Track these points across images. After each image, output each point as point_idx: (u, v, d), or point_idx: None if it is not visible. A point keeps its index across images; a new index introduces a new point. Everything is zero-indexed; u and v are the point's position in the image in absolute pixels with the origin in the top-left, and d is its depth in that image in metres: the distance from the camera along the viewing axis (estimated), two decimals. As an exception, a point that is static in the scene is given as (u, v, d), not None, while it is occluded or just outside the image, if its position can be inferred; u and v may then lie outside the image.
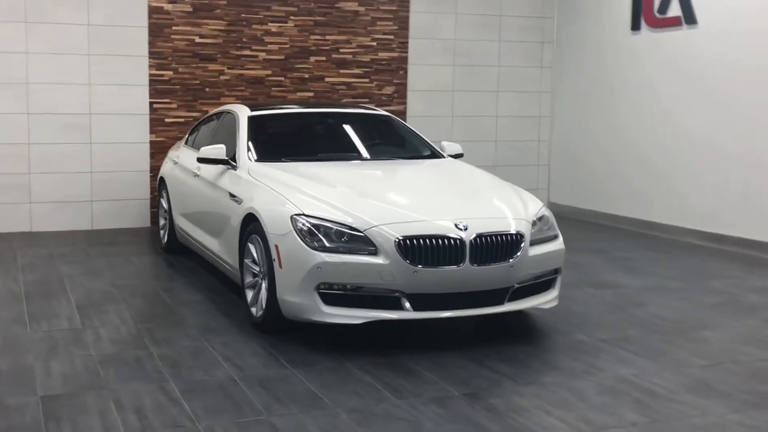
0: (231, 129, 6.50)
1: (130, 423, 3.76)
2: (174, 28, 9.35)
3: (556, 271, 5.31)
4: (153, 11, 9.23)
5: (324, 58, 10.08)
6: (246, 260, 5.40)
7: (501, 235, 4.90)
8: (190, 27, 9.42)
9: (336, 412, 3.94)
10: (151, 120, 9.34)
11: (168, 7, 9.29)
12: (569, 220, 10.41)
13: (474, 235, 4.81)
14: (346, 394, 4.19)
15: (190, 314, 5.68)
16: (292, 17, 9.87)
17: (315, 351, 4.87)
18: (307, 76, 10.02)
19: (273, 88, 9.87)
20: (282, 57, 9.88)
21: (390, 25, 10.35)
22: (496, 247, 4.88)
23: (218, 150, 6.09)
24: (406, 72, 10.50)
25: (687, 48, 9.08)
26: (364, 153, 6.43)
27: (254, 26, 9.70)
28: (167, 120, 9.41)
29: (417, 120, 10.43)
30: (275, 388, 4.26)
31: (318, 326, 4.94)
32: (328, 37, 10.07)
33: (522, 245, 4.96)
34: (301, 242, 4.78)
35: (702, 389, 4.32)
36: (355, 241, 4.76)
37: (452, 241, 4.77)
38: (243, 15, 9.63)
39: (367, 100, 10.30)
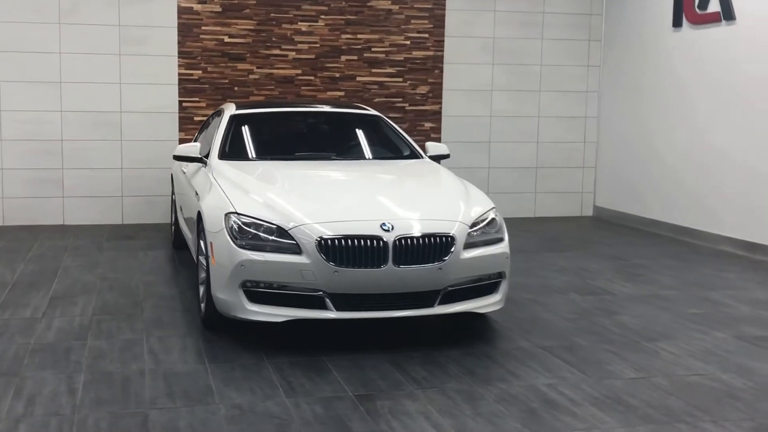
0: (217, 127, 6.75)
1: (14, 410, 3.97)
2: (203, 27, 9.69)
3: (500, 275, 5.22)
4: (182, 11, 9.60)
5: (355, 57, 10.20)
6: (200, 257, 5.59)
7: (428, 237, 4.88)
8: (220, 27, 9.73)
9: (216, 408, 4.05)
10: (180, 118, 9.71)
11: (197, 7, 9.63)
12: (614, 225, 10.17)
13: (397, 237, 4.81)
14: (241, 391, 4.29)
15: (152, 308, 5.91)
16: (322, 16, 10.04)
17: (243, 348, 4.99)
18: (337, 75, 10.17)
19: (303, 87, 10.07)
20: (312, 56, 10.06)
21: (425, 23, 10.37)
22: (422, 249, 4.86)
23: (192, 148, 6.31)
24: (441, 71, 10.49)
25: (725, 45, 8.71)
26: (337, 153, 6.51)
27: (284, 25, 9.92)
28: (196, 118, 9.76)
29: (453, 120, 10.41)
30: (176, 382, 4.41)
31: (269, 324, 4.99)
32: (359, 36, 10.18)
33: (453, 248, 4.92)
34: (230, 240, 4.92)
35: (609, 402, 4.19)
36: (282, 240, 4.85)
37: (374, 242, 4.79)
38: (272, 14, 9.87)
39: (400, 99, 10.34)
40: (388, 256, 4.79)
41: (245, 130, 6.59)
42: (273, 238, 4.85)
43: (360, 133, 6.89)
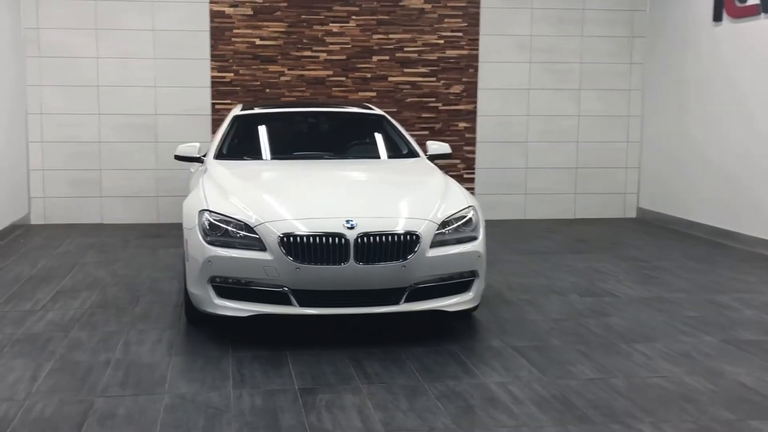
0: (226, 127, 7.00)
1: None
2: (235, 31, 9.97)
3: (473, 274, 5.25)
4: (215, 15, 9.91)
5: (387, 58, 10.32)
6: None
7: (391, 235, 4.95)
8: (251, 29, 10.00)
9: (160, 398, 4.22)
10: (213, 120, 10.01)
11: (229, 10, 9.93)
12: (655, 227, 9.99)
13: (359, 234, 4.90)
14: (191, 382, 4.46)
15: (146, 303, 6.15)
16: (354, 17, 10.19)
17: (215, 341, 5.17)
18: (369, 75, 10.30)
19: (334, 88, 10.24)
20: (343, 57, 10.22)
21: (459, 21, 10.40)
22: (385, 246, 4.94)
23: (190, 148, 6.55)
24: (476, 70, 10.50)
25: (765, 39, 8.46)
26: (334, 152, 6.62)
27: (315, 27, 10.12)
28: (228, 120, 10.03)
29: (489, 120, 10.41)
30: (134, 372, 4.61)
31: (244, 319, 5.10)
32: (391, 36, 10.29)
33: (417, 246, 4.97)
34: (200, 236, 5.11)
35: (551, 402, 4.18)
36: (249, 237, 5.01)
37: (335, 240, 4.89)
38: (303, 16, 10.08)
39: (433, 99, 10.40)
40: (349, 254, 4.87)
41: (246, 131, 6.78)
42: (242, 234, 5.01)
43: (360, 132, 6.99)
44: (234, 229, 5.03)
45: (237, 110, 7.03)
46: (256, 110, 7.05)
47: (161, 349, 5.01)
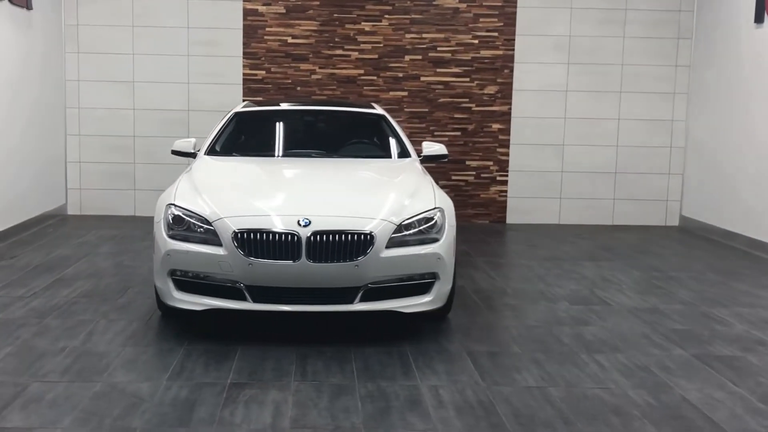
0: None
1: None
2: (267, 29, 10.16)
3: (434, 276, 5.23)
4: (248, 13, 10.12)
5: (420, 57, 10.32)
6: None
7: (344, 234, 4.98)
8: (283, 28, 10.17)
9: (92, 385, 4.37)
10: (244, 116, 10.19)
11: (262, 9, 10.12)
12: (695, 237, 9.70)
13: (311, 233, 4.95)
14: (130, 372, 4.59)
15: (132, 294, 6.33)
16: (386, 16, 10.24)
17: (177, 334, 5.30)
18: (401, 75, 10.33)
19: (365, 87, 10.31)
20: (375, 56, 10.28)
21: (494, 21, 10.32)
22: (338, 246, 4.97)
23: (185, 143, 6.73)
24: (511, 71, 10.40)
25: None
26: (326, 150, 6.68)
27: (347, 26, 10.21)
28: (259, 117, 10.23)
29: (523, 121, 10.31)
30: (82, 360, 4.78)
31: (219, 312, 5.25)
32: (425, 36, 10.29)
33: (371, 246, 4.99)
34: (163, 229, 5.26)
35: (473, 408, 4.14)
36: (208, 232, 5.13)
37: (288, 237, 4.96)
38: (336, 15, 10.19)
39: (466, 99, 10.35)
40: (301, 251, 4.92)
41: (243, 128, 6.91)
42: (202, 230, 5.12)
43: (356, 132, 7.04)
44: (196, 224, 5.15)
45: (239, 107, 7.16)
46: (257, 108, 7.16)
47: (120, 340, 5.16)
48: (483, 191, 10.51)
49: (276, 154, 6.57)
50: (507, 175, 10.52)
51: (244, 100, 8.98)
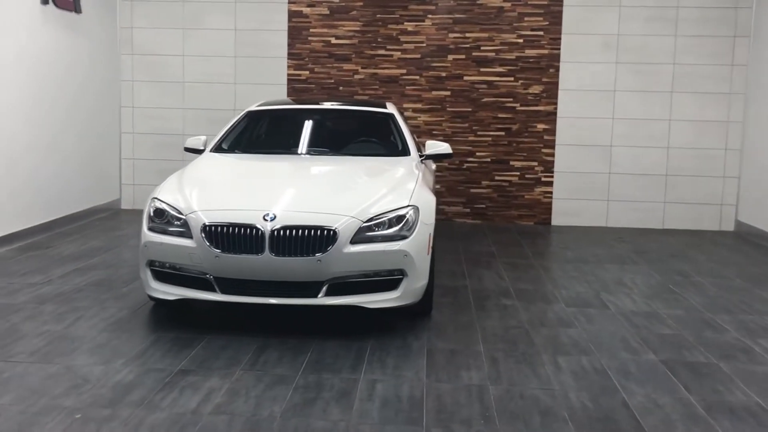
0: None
1: None
2: (311, 30, 10.37)
3: (402, 273, 5.27)
4: (293, 15, 10.36)
5: (463, 56, 10.32)
6: None
7: (307, 229, 5.09)
8: (327, 29, 10.36)
9: (47, 366, 4.62)
10: (289, 116, 10.44)
11: (307, 10, 10.34)
12: (750, 243, 9.31)
13: (275, 227, 5.08)
14: (89, 355, 4.81)
15: (139, 285, 6.58)
16: (429, 15, 10.29)
17: (156, 322, 5.52)
18: (444, 74, 10.36)
19: (407, 87, 10.39)
20: (418, 56, 10.35)
21: (539, 20, 10.21)
22: (301, 240, 5.08)
23: (196, 140, 6.98)
24: (557, 70, 10.26)
25: None
26: (326, 149, 6.79)
27: (390, 26, 10.31)
28: (303, 116, 10.46)
29: (569, 122, 10.16)
30: (55, 343, 5.04)
31: (210, 303, 5.43)
32: (468, 35, 10.29)
33: (334, 242, 5.08)
34: (144, 222, 5.51)
35: (401, 402, 4.15)
36: (183, 225, 5.34)
37: (252, 231, 5.11)
38: (379, 15, 10.31)
39: (510, 99, 10.28)
40: (264, 245, 5.06)
41: (252, 126, 7.11)
42: (178, 222, 5.34)
43: (362, 130, 7.13)
44: (174, 217, 5.36)
45: (253, 106, 7.36)
46: (269, 107, 7.34)
47: (101, 326, 5.42)
48: (527, 192, 10.40)
49: (277, 152, 6.72)
50: (552, 176, 10.37)
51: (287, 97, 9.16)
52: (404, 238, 5.25)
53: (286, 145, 6.91)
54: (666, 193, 10.28)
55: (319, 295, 5.13)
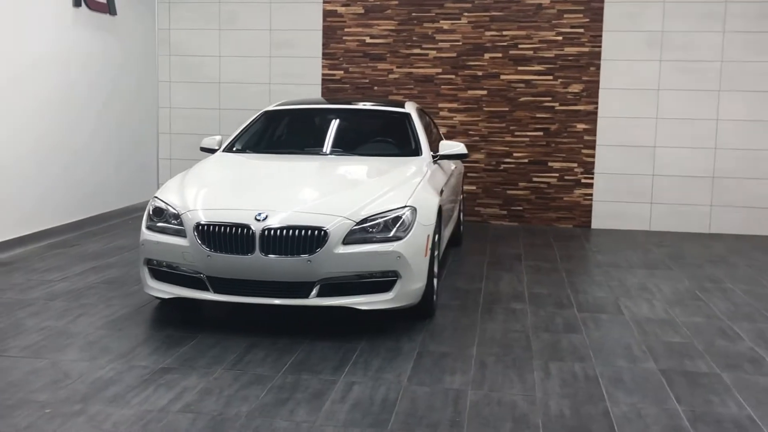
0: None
1: None
2: (346, 29, 10.42)
3: (396, 274, 5.25)
4: (327, 14, 10.43)
5: (500, 55, 10.23)
6: None
7: (297, 230, 5.11)
8: (362, 28, 10.40)
9: (33, 362, 4.74)
10: (323, 116, 10.51)
11: (341, 10, 10.40)
12: None
13: (265, 227, 5.13)
14: (80, 352, 4.91)
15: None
16: (466, 14, 10.23)
17: (156, 320, 5.62)
18: (480, 73, 10.28)
19: (443, 86, 10.34)
20: (453, 54, 10.29)
21: (579, 17, 10.05)
22: (291, 240, 5.11)
23: (211, 140, 7.08)
24: (598, 68, 10.09)
25: None
26: (338, 149, 6.79)
27: (425, 24, 10.29)
28: (337, 116, 10.51)
29: (611, 121, 9.97)
30: (50, 339, 5.16)
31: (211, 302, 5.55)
32: (505, 33, 10.19)
33: (325, 242, 5.09)
34: (144, 220, 5.63)
35: (372, 405, 4.12)
36: (180, 224, 5.44)
37: (243, 230, 5.16)
38: (414, 14, 10.29)
39: (549, 98, 10.15)
40: (255, 245, 5.10)
41: (267, 126, 7.17)
42: (175, 222, 5.43)
43: (376, 130, 7.12)
44: (171, 216, 5.45)
45: (271, 106, 7.43)
46: (285, 106, 7.40)
47: (100, 323, 5.54)
48: (566, 194, 10.23)
49: (287, 152, 6.77)
50: (592, 178, 10.18)
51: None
52: (399, 239, 5.21)
53: (298, 145, 6.94)
54: (713, 196, 9.98)
55: (311, 296, 5.14)
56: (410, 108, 7.22)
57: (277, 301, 5.16)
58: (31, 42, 7.96)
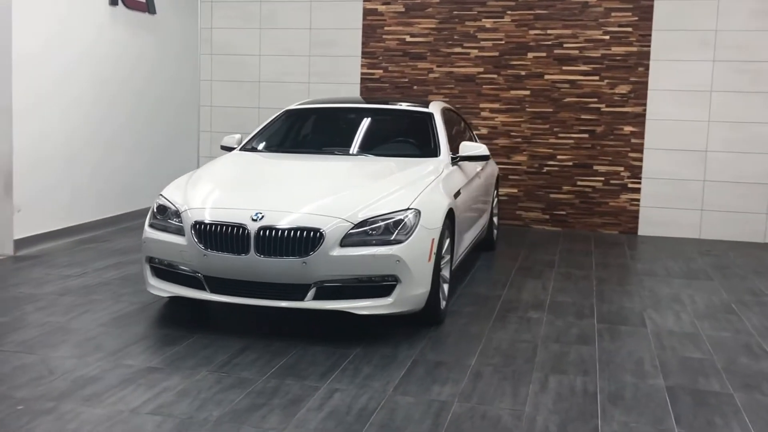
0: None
1: None
2: (386, 28, 10.33)
3: (395, 278, 5.13)
4: (367, 13, 10.35)
5: (544, 54, 10.00)
6: None
7: (293, 231, 5.02)
8: (402, 27, 10.29)
9: (26, 357, 4.77)
10: (363, 116, 10.44)
11: (382, 8, 10.31)
12: None
13: (261, 227, 5.06)
14: (74, 349, 4.91)
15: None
16: (509, 12, 10.03)
17: (160, 319, 5.63)
18: (523, 73, 10.07)
19: (484, 86, 10.16)
20: (496, 54, 10.10)
21: (628, 15, 9.75)
22: (287, 241, 5.03)
23: (231, 139, 7.06)
24: (647, 69, 9.77)
25: None
26: (353, 149, 6.67)
27: (467, 23, 10.12)
28: (377, 116, 10.43)
29: (660, 124, 9.64)
30: (48, 335, 5.18)
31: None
32: (550, 32, 9.96)
33: (320, 244, 5.00)
34: (148, 217, 5.63)
35: (337, 412, 4.01)
36: (180, 222, 5.42)
37: (238, 230, 5.11)
38: (455, 12, 10.13)
39: (595, 99, 9.88)
40: (250, 245, 5.04)
41: (287, 125, 7.10)
42: (177, 220, 5.41)
43: (396, 130, 6.99)
44: (174, 213, 5.43)
45: (294, 104, 7.37)
46: (306, 105, 7.32)
47: (103, 320, 5.55)
48: (612, 199, 9.92)
49: (302, 152, 6.70)
50: (640, 183, 9.86)
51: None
52: (399, 242, 5.07)
53: (315, 145, 6.87)
54: (768, 204, 9.54)
55: (306, 299, 5.04)
56: (434, 108, 7.05)
57: (271, 303, 5.07)
58: (66, 41, 8.07)
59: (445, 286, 5.74)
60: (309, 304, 5.04)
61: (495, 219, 8.50)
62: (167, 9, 9.85)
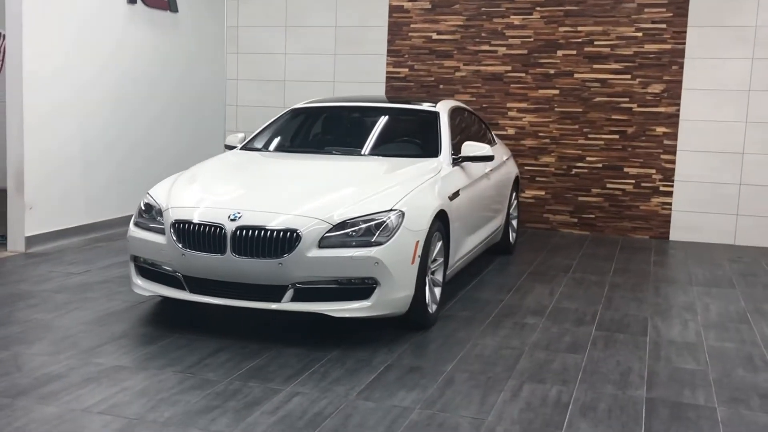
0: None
1: None
2: (412, 26, 10.25)
3: (374, 281, 5.06)
4: (393, 10, 10.29)
5: (574, 52, 9.81)
6: None
7: (268, 230, 5.00)
8: (428, 24, 10.20)
9: (3, 353, 4.87)
10: (388, 115, 10.38)
11: (408, 5, 10.24)
12: None
13: (237, 227, 5.04)
14: (52, 346, 4.96)
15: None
16: (538, 8, 9.86)
17: (146, 318, 5.65)
18: (552, 71, 9.89)
19: (512, 85, 10.01)
20: (524, 51, 9.95)
21: (662, 11, 9.50)
22: (262, 241, 5.00)
23: (234, 138, 7.08)
24: (681, 67, 9.50)
25: None
26: (353, 148, 6.61)
27: (495, 20, 9.98)
28: (402, 115, 10.36)
29: (694, 125, 9.38)
30: (31, 332, 5.25)
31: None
32: (580, 29, 9.76)
33: (297, 245, 4.96)
34: (133, 216, 5.68)
35: (291, 416, 3.96)
36: (161, 221, 5.44)
37: (215, 230, 5.10)
38: (483, 9, 10.01)
39: (626, 99, 9.66)
40: (226, 245, 5.03)
41: (290, 124, 7.08)
42: (160, 218, 5.43)
43: (399, 130, 6.91)
44: (158, 211, 5.46)
45: (301, 102, 7.35)
46: (312, 103, 7.29)
47: (89, 318, 5.59)
48: (643, 203, 9.67)
49: (299, 151, 6.68)
50: (672, 186, 9.58)
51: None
52: (380, 244, 4.99)
53: (315, 144, 6.84)
54: (809, 209, 9.17)
55: (283, 300, 4.99)
56: (442, 107, 6.94)
57: (248, 304, 5.04)
58: (85, 39, 8.18)
59: (437, 290, 5.63)
60: (286, 305, 5.00)
61: (514, 222, 8.33)
62: (191, 7, 9.93)
